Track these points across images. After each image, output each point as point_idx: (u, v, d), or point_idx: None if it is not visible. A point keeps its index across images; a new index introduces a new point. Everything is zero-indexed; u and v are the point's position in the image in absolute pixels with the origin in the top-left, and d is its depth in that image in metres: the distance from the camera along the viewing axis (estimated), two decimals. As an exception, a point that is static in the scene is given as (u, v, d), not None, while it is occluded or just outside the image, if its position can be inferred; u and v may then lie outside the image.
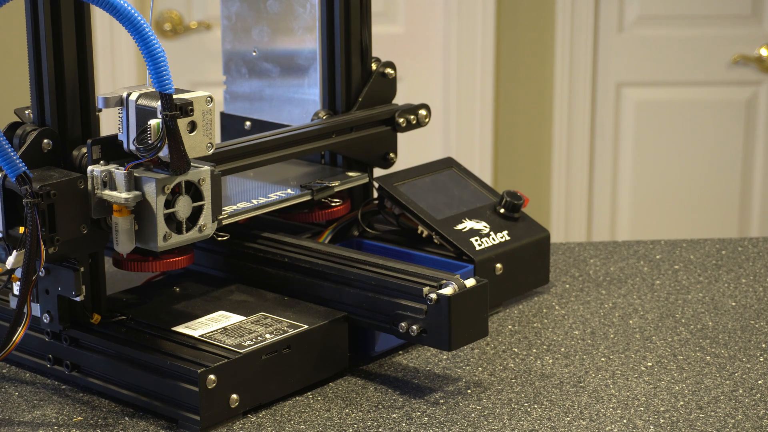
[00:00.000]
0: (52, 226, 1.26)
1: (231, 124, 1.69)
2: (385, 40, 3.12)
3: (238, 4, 1.66)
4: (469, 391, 1.36)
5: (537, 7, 3.20)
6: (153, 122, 1.26)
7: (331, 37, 1.60)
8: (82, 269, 1.31)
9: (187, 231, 1.31)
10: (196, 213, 1.31)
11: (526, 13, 3.20)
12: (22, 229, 1.27)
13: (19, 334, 1.27)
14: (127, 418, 1.30)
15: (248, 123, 1.67)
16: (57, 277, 1.32)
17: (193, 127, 1.28)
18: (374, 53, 1.64)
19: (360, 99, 1.62)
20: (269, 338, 1.32)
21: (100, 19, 3.07)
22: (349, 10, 1.59)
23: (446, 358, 1.44)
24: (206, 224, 1.32)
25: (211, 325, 1.36)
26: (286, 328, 1.35)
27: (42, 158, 1.30)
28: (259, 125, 1.65)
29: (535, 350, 1.46)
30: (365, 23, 1.61)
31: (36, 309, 1.34)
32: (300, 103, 1.64)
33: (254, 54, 1.66)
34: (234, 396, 1.28)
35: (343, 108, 1.61)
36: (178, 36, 3.19)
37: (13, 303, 1.32)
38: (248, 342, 1.31)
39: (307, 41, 1.62)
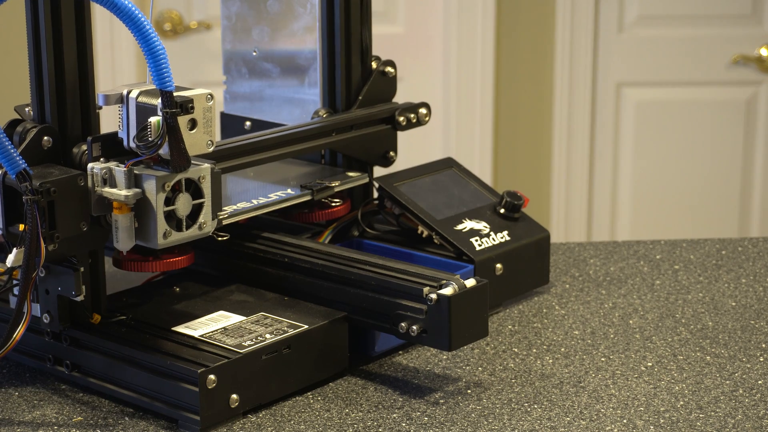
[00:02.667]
0: (52, 223, 1.26)
1: (231, 124, 1.69)
2: (385, 40, 3.12)
3: (238, 4, 1.66)
4: (469, 391, 1.36)
5: (537, 7, 3.19)
6: (153, 120, 1.26)
7: (331, 37, 1.60)
8: (82, 269, 1.31)
9: (187, 228, 1.30)
10: (196, 210, 1.31)
11: (526, 13, 3.20)
12: (22, 227, 1.26)
13: (19, 332, 1.27)
14: (127, 418, 1.30)
15: (248, 123, 1.67)
16: (57, 277, 1.32)
17: (193, 124, 1.28)
18: (374, 53, 1.64)
19: (360, 97, 1.61)
20: (269, 338, 1.32)
21: (100, 17, 3.07)
22: (349, 10, 1.59)
23: (446, 358, 1.44)
24: (206, 222, 1.32)
25: (211, 325, 1.36)
26: (286, 328, 1.35)
27: (42, 155, 1.30)
28: (259, 125, 1.65)
29: (535, 350, 1.46)
30: (365, 23, 1.61)
31: (36, 309, 1.34)
32: (300, 103, 1.64)
33: (254, 54, 1.66)
34: (234, 396, 1.28)
35: (343, 106, 1.61)
36: (178, 36, 3.19)
37: (14, 302, 1.32)
38: (248, 342, 1.31)
39: (307, 41, 1.61)
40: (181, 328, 1.35)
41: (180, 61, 3.15)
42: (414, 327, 1.34)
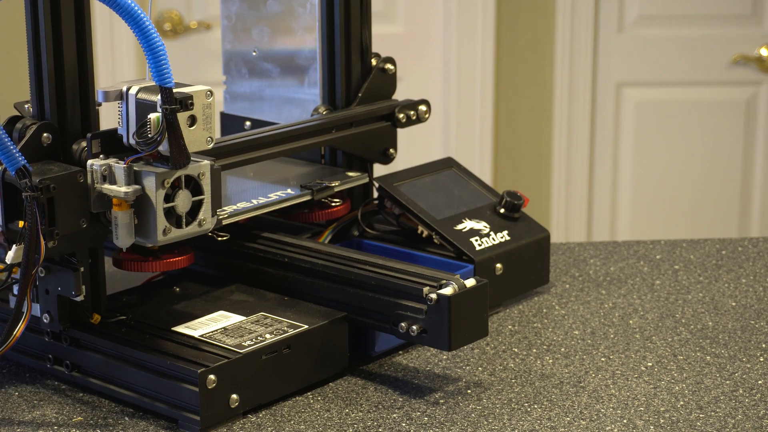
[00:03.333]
0: (52, 219, 1.26)
1: (231, 124, 1.69)
2: (385, 40, 3.12)
3: (238, 4, 1.65)
4: (469, 391, 1.36)
5: (537, 7, 3.19)
6: (153, 116, 1.25)
7: (331, 37, 1.60)
8: (82, 269, 1.31)
9: (186, 225, 1.30)
10: (195, 207, 1.31)
11: (526, 13, 3.20)
12: (21, 224, 1.26)
13: (19, 329, 1.27)
14: (127, 418, 1.30)
15: (248, 123, 1.67)
16: (57, 277, 1.31)
17: (192, 121, 1.28)
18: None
19: (360, 95, 1.61)
20: (269, 338, 1.32)
21: (100, 13, 3.07)
22: (349, 10, 1.59)
23: (446, 358, 1.44)
24: (206, 218, 1.32)
25: (211, 325, 1.36)
26: (286, 328, 1.34)
27: (41, 152, 1.30)
28: (259, 125, 1.65)
29: (535, 350, 1.46)
30: (365, 23, 1.61)
31: (36, 309, 1.34)
32: (300, 103, 1.63)
33: (254, 54, 1.66)
34: (234, 396, 1.28)
35: (343, 103, 1.61)
36: (178, 36, 3.19)
37: (13, 302, 1.32)
38: (248, 342, 1.31)
39: (307, 41, 1.61)
40: (181, 328, 1.35)
41: (180, 61, 3.15)
42: (414, 327, 1.33)
